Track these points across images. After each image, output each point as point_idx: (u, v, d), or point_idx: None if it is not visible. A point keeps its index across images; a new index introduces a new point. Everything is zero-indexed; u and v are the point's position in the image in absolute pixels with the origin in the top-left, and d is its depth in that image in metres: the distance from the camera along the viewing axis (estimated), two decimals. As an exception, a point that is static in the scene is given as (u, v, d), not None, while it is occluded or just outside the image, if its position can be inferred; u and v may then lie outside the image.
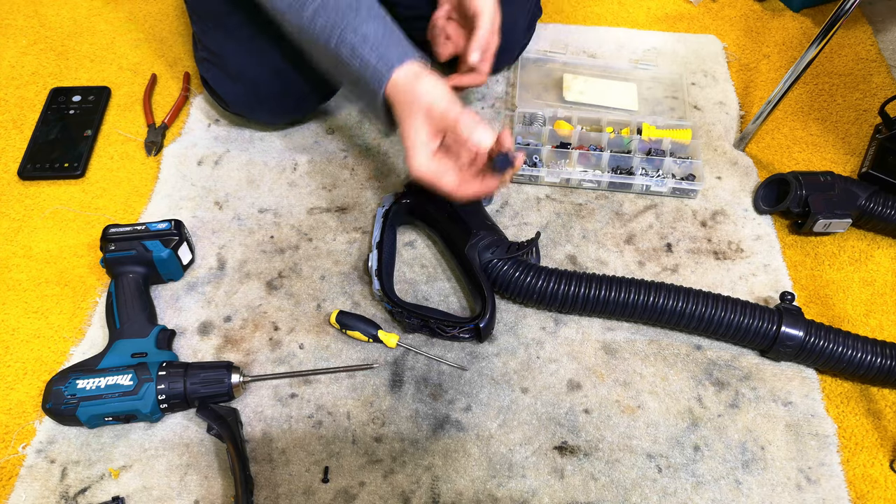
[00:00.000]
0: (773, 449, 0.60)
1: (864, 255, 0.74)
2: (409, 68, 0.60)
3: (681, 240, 0.74)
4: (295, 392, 0.62)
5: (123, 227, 0.66)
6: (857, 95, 0.90)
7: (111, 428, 0.59)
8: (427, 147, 0.60)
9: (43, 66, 0.90)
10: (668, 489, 0.57)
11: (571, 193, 0.78)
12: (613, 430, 0.60)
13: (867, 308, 0.70)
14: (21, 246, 0.72)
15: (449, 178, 0.60)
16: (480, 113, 0.86)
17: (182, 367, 0.59)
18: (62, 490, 0.56)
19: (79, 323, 0.66)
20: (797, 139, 0.85)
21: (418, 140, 0.59)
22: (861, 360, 0.61)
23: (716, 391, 0.63)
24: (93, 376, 0.57)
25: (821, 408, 0.63)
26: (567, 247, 0.73)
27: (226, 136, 0.82)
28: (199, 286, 0.69)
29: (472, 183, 0.60)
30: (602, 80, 0.89)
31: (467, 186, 0.60)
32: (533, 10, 0.88)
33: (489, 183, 0.60)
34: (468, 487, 0.57)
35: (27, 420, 0.60)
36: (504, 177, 0.60)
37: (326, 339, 0.65)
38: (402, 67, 0.59)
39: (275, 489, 0.56)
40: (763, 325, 0.62)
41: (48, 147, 0.80)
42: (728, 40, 0.97)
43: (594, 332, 0.67)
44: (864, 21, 0.99)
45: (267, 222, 0.74)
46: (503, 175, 0.59)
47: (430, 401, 0.62)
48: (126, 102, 0.86)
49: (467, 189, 0.60)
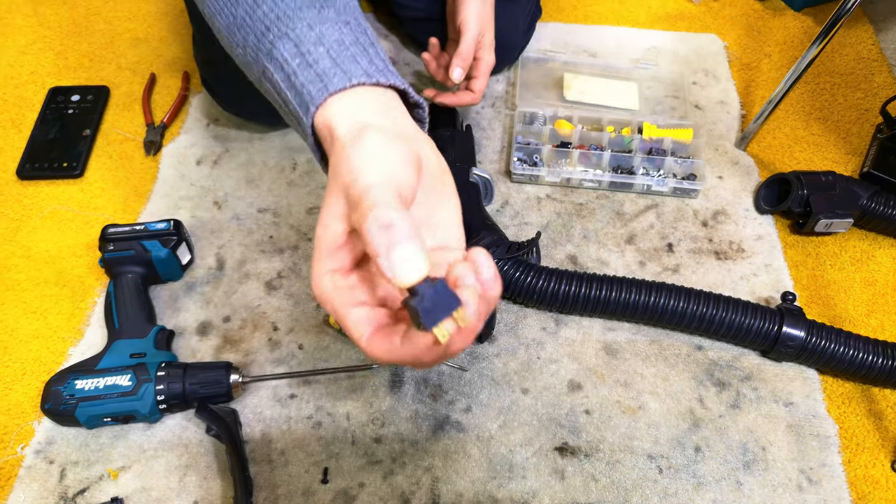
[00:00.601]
0: (775, 450, 0.60)
1: (865, 256, 0.74)
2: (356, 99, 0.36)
3: (682, 240, 0.74)
4: (294, 393, 0.62)
5: (122, 227, 0.66)
6: (858, 95, 0.89)
7: (110, 428, 0.59)
8: (333, 256, 0.34)
9: (41, 65, 0.89)
10: (668, 490, 0.57)
11: (572, 193, 0.78)
12: (614, 431, 0.60)
13: (868, 308, 0.70)
14: (20, 246, 0.72)
15: (356, 317, 0.34)
16: (480, 113, 0.85)
17: (181, 368, 0.59)
18: (61, 491, 0.56)
19: (77, 323, 0.66)
20: (798, 139, 0.85)
21: (325, 238, 0.34)
22: (862, 361, 0.61)
23: (717, 392, 0.63)
24: (91, 377, 0.57)
25: (822, 408, 0.62)
26: (568, 247, 0.73)
27: (225, 136, 0.82)
28: (197, 286, 0.69)
29: (386, 336, 0.33)
30: (603, 79, 0.89)
31: (377, 341, 0.33)
32: (533, 10, 0.88)
33: (413, 346, 0.32)
34: (468, 489, 0.57)
35: (26, 420, 0.60)
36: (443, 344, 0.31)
37: (326, 340, 0.65)
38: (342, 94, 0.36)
39: (274, 490, 0.56)
40: (764, 325, 0.62)
41: (47, 147, 0.79)
42: (729, 39, 0.97)
43: (595, 332, 0.66)
44: (865, 20, 0.99)
45: (266, 222, 0.74)
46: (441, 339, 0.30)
47: (429, 401, 0.61)
48: (125, 102, 0.85)
49: (374, 345, 0.33)
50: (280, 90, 0.38)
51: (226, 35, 0.40)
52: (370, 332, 0.33)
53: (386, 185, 0.32)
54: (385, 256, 0.29)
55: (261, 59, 0.38)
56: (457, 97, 0.76)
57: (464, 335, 0.31)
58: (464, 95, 0.76)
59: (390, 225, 0.30)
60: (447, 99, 0.76)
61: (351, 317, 0.34)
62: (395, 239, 0.29)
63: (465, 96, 0.75)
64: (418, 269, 0.29)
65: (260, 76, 0.39)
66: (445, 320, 0.30)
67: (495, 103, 0.86)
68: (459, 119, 0.81)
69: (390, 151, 0.33)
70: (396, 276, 0.29)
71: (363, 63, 0.37)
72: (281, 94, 0.38)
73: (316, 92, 0.36)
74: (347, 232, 0.34)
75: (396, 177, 0.32)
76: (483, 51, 0.73)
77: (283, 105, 0.39)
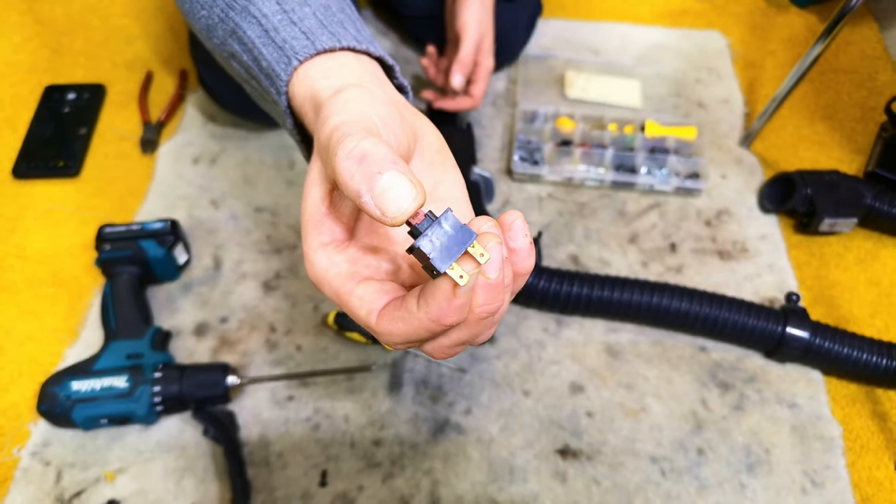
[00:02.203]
0: (778, 452, 0.59)
1: (870, 255, 0.73)
2: (345, 63, 0.33)
3: (685, 239, 0.73)
4: (292, 394, 0.61)
5: (118, 227, 0.65)
6: (862, 93, 0.89)
7: (106, 430, 0.58)
8: (320, 228, 0.29)
9: (37, 63, 0.88)
10: (671, 493, 0.57)
11: (574, 192, 0.77)
12: (616, 434, 0.60)
13: (873, 308, 0.69)
14: (15, 246, 0.71)
15: (361, 293, 0.28)
16: (481, 111, 0.85)
17: (178, 369, 0.58)
18: (57, 493, 0.55)
19: (73, 324, 0.65)
20: (803, 137, 0.84)
21: (307, 209, 0.29)
22: (867, 362, 0.60)
23: (720, 393, 0.62)
24: (88, 378, 0.57)
25: (826, 410, 0.62)
26: (570, 246, 0.72)
27: (222, 134, 0.81)
28: (194, 286, 0.68)
29: (399, 306, 0.27)
30: (605, 76, 0.88)
31: (388, 314, 0.27)
32: (533, 7, 0.87)
33: (432, 303, 0.25)
34: (468, 492, 0.56)
35: (22, 422, 0.59)
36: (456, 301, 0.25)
37: (324, 341, 0.64)
38: (329, 56, 0.33)
39: (272, 493, 0.56)
40: (768, 326, 0.61)
41: (42, 145, 0.79)
42: (733, 37, 0.96)
43: (597, 333, 0.66)
44: (870, 18, 0.98)
45: (263, 221, 0.73)
46: (454, 289, 0.25)
47: (429, 403, 0.61)
48: (121, 100, 0.85)
49: (386, 321, 0.27)
50: (252, 48, 0.34)
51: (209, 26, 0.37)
52: (380, 308, 0.27)
53: (357, 122, 0.27)
54: (368, 192, 0.24)
55: (231, 18, 0.34)
56: (456, 102, 0.75)
57: (489, 290, 0.25)
58: (463, 100, 0.75)
59: (364, 155, 0.25)
60: (446, 104, 0.76)
61: (356, 293, 0.28)
62: (371, 169, 0.24)
63: (465, 101, 0.75)
64: (409, 196, 0.24)
65: (226, 37, 0.36)
66: (462, 258, 0.25)
67: (496, 101, 0.86)
68: (460, 117, 0.80)
69: (377, 104, 0.29)
70: (386, 212, 0.24)
71: (351, 30, 0.34)
72: (253, 51, 0.34)
73: (300, 48, 0.32)
74: (329, 192, 0.28)
75: (377, 118, 0.28)
76: (482, 55, 0.73)
77: (251, 66, 0.34)
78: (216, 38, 0.37)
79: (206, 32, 0.38)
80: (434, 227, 0.25)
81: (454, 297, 0.25)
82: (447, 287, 0.25)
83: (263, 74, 0.34)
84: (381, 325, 0.27)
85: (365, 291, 0.28)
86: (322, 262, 0.28)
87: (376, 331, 0.27)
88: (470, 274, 0.24)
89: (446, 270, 0.24)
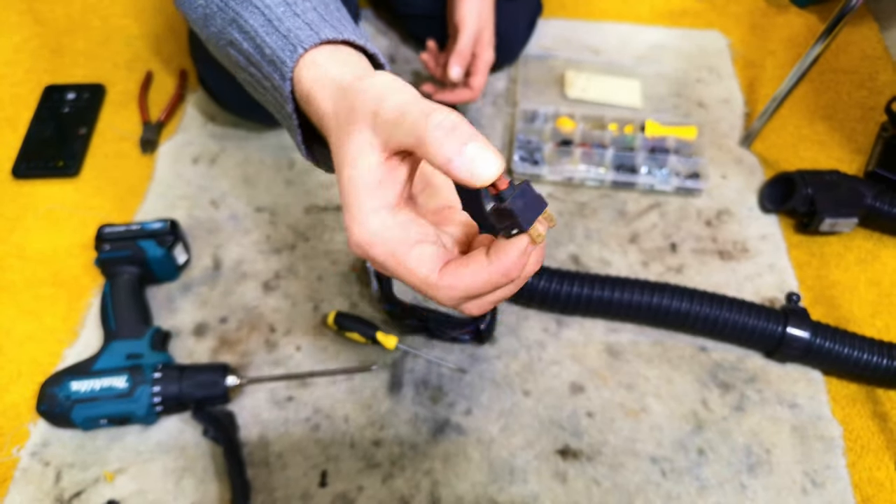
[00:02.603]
0: (779, 452, 0.59)
1: (870, 255, 0.73)
2: (347, 55, 0.35)
3: (685, 239, 0.73)
4: (292, 395, 0.61)
5: (118, 227, 0.65)
6: (863, 93, 0.89)
7: (106, 431, 0.58)
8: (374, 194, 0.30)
9: (37, 63, 0.88)
10: (672, 493, 0.57)
11: (574, 192, 0.77)
12: (617, 434, 0.60)
13: (874, 309, 0.69)
14: (14, 246, 0.71)
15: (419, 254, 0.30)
16: (481, 111, 0.85)
17: (177, 370, 0.58)
18: (56, 493, 0.55)
19: (73, 324, 0.65)
20: (803, 137, 0.84)
21: (360, 176, 0.30)
22: (867, 362, 0.60)
23: (721, 394, 0.62)
24: (87, 378, 0.57)
25: (827, 410, 0.62)
26: (570, 246, 0.72)
27: (222, 134, 0.81)
28: (194, 287, 0.68)
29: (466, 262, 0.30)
30: (605, 76, 0.88)
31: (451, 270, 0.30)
32: (534, 7, 0.87)
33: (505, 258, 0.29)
34: (468, 492, 0.56)
35: (21, 422, 0.59)
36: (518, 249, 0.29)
37: (324, 341, 0.64)
38: (332, 47, 0.35)
39: (272, 493, 0.56)
40: (769, 326, 0.61)
41: (42, 145, 0.79)
42: (733, 36, 0.96)
43: (597, 333, 0.66)
44: (870, 18, 0.98)
45: (263, 221, 0.73)
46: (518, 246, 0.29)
47: (429, 404, 0.61)
48: (121, 100, 0.85)
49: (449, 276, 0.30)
50: (255, 35, 0.35)
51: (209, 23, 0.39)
52: (441, 266, 0.30)
53: (421, 100, 0.29)
54: (459, 157, 0.27)
55: (231, 7, 0.36)
56: (455, 95, 0.75)
57: (538, 254, 0.31)
58: (462, 93, 0.75)
59: (454, 126, 0.28)
60: (445, 96, 0.76)
61: (412, 254, 0.30)
62: (462, 138, 0.27)
63: (464, 93, 0.75)
64: (495, 163, 0.28)
65: (225, 25, 0.37)
66: (538, 220, 0.29)
67: (496, 101, 0.85)
68: (459, 115, 0.80)
69: (408, 86, 0.31)
70: (476, 174, 0.27)
71: (349, 27, 0.36)
72: (255, 38, 0.35)
73: (305, 37, 0.34)
74: (386, 160, 0.30)
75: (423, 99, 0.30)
76: (481, 48, 0.73)
77: (252, 53, 0.36)
78: (213, 27, 0.38)
79: (203, 21, 0.39)
80: (517, 194, 0.29)
81: (525, 254, 0.29)
82: (522, 244, 0.29)
83: (266, 61, 0.36)
84: (445, 279, 0.30)
85: (423, 251, 0.31)
86: (376, 225, 0.30)
87: (438, 285, 0.30)
88: (543, 235, 0.29)
89: (528, 229, 0.29)
